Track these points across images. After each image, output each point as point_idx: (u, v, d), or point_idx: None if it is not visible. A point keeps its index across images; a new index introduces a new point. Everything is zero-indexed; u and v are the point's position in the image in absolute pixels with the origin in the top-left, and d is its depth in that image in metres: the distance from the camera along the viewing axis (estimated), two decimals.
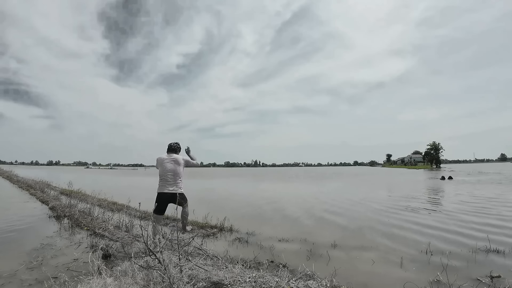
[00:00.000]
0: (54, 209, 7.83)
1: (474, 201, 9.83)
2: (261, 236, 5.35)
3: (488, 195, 11.51)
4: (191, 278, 2.83)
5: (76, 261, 3.81)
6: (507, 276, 3.31)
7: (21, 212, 7.87)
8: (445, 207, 8.78)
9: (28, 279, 3.26)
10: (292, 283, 2.81)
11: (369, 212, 7.98)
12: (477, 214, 7.49)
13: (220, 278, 2.84)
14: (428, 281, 3.21)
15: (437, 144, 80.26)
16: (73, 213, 6.83)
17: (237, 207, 9.22)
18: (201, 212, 6.54)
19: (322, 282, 2.90)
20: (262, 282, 2.78)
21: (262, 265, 3.61)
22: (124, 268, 3.07)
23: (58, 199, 9.81)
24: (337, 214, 7.78)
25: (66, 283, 2.85)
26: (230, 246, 4.73)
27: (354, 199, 10.89)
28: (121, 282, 2.67)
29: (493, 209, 8.07)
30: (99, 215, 6.73)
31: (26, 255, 4.14)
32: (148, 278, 2.80)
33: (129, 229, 5.47)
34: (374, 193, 13.62)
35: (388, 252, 4.38)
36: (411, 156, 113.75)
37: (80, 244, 4.68)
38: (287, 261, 3.79)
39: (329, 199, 11.23)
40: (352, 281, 3.22)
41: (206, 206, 8.76)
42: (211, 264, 3.36)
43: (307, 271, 3.26)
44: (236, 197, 12.92)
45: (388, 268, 3.72)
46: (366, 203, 9.75)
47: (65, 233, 5.47)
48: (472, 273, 3.45)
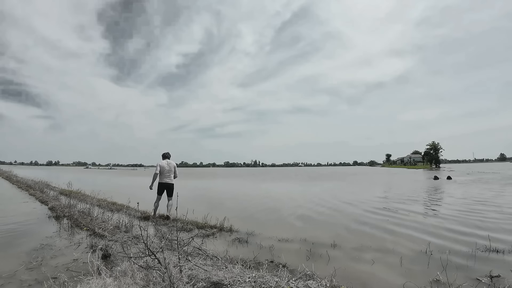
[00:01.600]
0: (54, 209, 7.82)
1: (470, 201, 9.86)
2: (260, 236, 5.35)
3: (486, 195, 11.53)
4: (190, 278, 2.83)
5: (75, 262, 3.80)
6: (506, 276, 3.32)
7: (20, 212, 7.86)
8: (441, 207, 8.79)
9: (28, 279, 3.25)
10: (291, 283, 2.81)
11: (340, 214, 7.99)
12: (473, 213, 7.50)
13: (220, 278, 2.84)
14: (428, 280, 3.21)
15: (437, 144, 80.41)
16: (73, 214, 6.82)
17: (235, 207, 9.22)
18: (201, 212, 6.55)
19: (321, 282, 2.90)
20: (262, 282, 2.78)
21: (261, 265, 3.61)
22: (123, 268, 3.06)
23: (58, 199, 9.80)
24: (319, 213, 7.79)
25: (65, 283, 2.85)
26: (230, 246, 4.73)
27: (342, 199, 10.91)
28: (120, 282, 2.67)
29: (490, 208, 8.10)
30: (98, 215, 6.72)
31: (26, 255, 4.13)
32: (148, 278, 2.80)
33: (128, 229, 5.47)
34: (364, 193, 13.63)
35: (388, 252, 4.38)
36: (410, 156, 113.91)
37: (79, 245, 4.67)
38: (287, 261, 3.79)
39: (317, 199, 11.25)
40: (352, 281, 3.22)
41: (205, 206, 8.76)
42: (211, 264, 3.36)
43: (307, 271, 3.27)
44: (236, 197, 12.92)
45: (387, 268, 3.73)
46: (351, 203, 9.77)
47: (65, 234, 5.46)
48: (471, 273, 3.45)
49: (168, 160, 6.94)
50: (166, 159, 6.94)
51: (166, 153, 7.09)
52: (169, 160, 6.97)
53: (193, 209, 5.73)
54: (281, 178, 32.68)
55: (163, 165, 6.78)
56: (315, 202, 10.27)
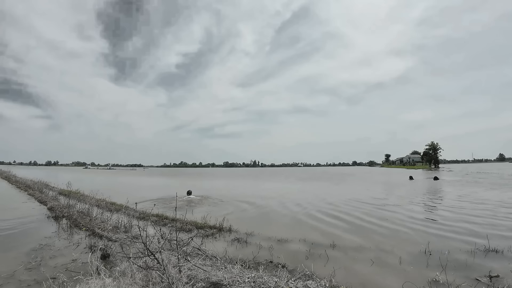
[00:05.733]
0: (53, 209, 7.80)
1: (467, 202, 9.88)
2: (260, 236, 5.35)
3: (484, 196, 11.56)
4: (190, 278, 2.83)
5: (74, 262, 3.80)
6: (505, 276, 3.33)
7: (19, 212, 7.84)
8: (438, 208, 8.81)
9: (27, 279, 3.25)
10: (291, 283, 2.81)
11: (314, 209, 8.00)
12: (474, 214, 7.52)
13: (219, 278, 2.84)
14: (427, 281, 3.22)
15: (436, 144, 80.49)
16: (72, 214, 6.81)
17: (233, 208, 9.22)
18: (200, 212, 6.54)
19: (321, 282, 2.90)
20: (261, 282, 2.79)
21: (261, 265, 3.61)
22: (123, 268, 3.06)
23: (57, 200, 9.79)
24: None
25: (64, 283, 2.85)
26: (229, 246, 4.73)
27: (329, 199, 10.92)
28: (120, 283, 2.67)
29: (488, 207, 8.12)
30: (97, 215, 6.71)
31: (25, 255, 4.12)
32: (147, 278, 2.80)
33: (127, 229, 5.46)
34: (354, 193, 13.64)
35: (387, 252, 4.38)
36: (409, 156, 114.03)
37: (78, 245, 4.67)
38: (286, 261, 3.79)
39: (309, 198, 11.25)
40: (351, 281, 3.22)
41: (205, 205, 8.75)
42: (210, 265, 3.36)
43: (306, 271, 3.27)
44: (234, 197, 12.90)
45: (387, 268, 3.73)
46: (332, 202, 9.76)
47: (64, 234, 5.45)
48: (471, 273, 3.46)
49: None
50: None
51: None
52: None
53: (192, 209, 5.72)
54: (277, 178, 32.68)
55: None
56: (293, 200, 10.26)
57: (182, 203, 9.62)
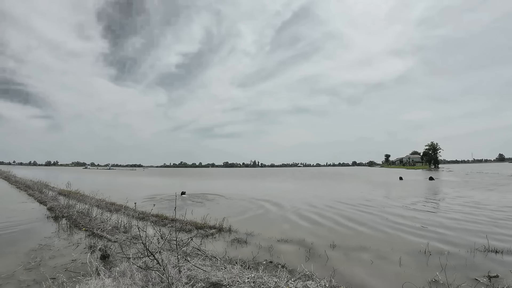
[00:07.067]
0: (52, 209, 7.80)
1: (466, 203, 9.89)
2: (259, 236, 5.35)
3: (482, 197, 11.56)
4: (189, 278, 2.83)
5: (74, 262, 3.80)
6: (505, 276, 3.33)
7: (19, 212, 7.83)
8: (437, 208, 8.81)
9: (26, 280, 3.25)
10: (291, 284, 2.81)
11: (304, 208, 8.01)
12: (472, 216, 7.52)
13: (219, 278, 2.84)
14: (426, 281, 3.22)
15: (435, 144, 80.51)
16: (72, 214, 6.81)
17: (233, 209, 9.22)
18: (200, 213, 6.54)
19: (320, 283, 2.90)
20: (261, 282, 2.79)
21: (261, 266, 3.61)
22: (122, 268, 3.06)
23: (56, 200, 9.78)
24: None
25: (64, 283, 2.84)
26: (229, 246, 4.73)
27: (324, 198, 10.93)
28: (119, 283, 2.67)
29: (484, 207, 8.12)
30: (97, 215, 6.71)
31: (24, 255, 4.12)
32: (147, 278, 2.80)
33: (127, 229, 5.46)
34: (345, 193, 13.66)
35: (387, 252, 4.38)
36: (409, 157, 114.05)
37: (78, 245, 4.67)
38: (286, 262, 3.79)
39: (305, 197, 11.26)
40: (351, 281, 3.23)
41: (204, 205, 8.74)
42: (210, 265, 3.36)
43: (306, 272, 3.27)
44: (233, 198, 12.90)
45: (386, 268, 3.73)
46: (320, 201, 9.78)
47: (64, 234, 5.45)
48: (470, 273, 3.46)
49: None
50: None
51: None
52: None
53: (191, 209, 5.72)
54: (269, 179, 32.68)
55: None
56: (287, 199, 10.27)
57: (181, 203, 9.63)
